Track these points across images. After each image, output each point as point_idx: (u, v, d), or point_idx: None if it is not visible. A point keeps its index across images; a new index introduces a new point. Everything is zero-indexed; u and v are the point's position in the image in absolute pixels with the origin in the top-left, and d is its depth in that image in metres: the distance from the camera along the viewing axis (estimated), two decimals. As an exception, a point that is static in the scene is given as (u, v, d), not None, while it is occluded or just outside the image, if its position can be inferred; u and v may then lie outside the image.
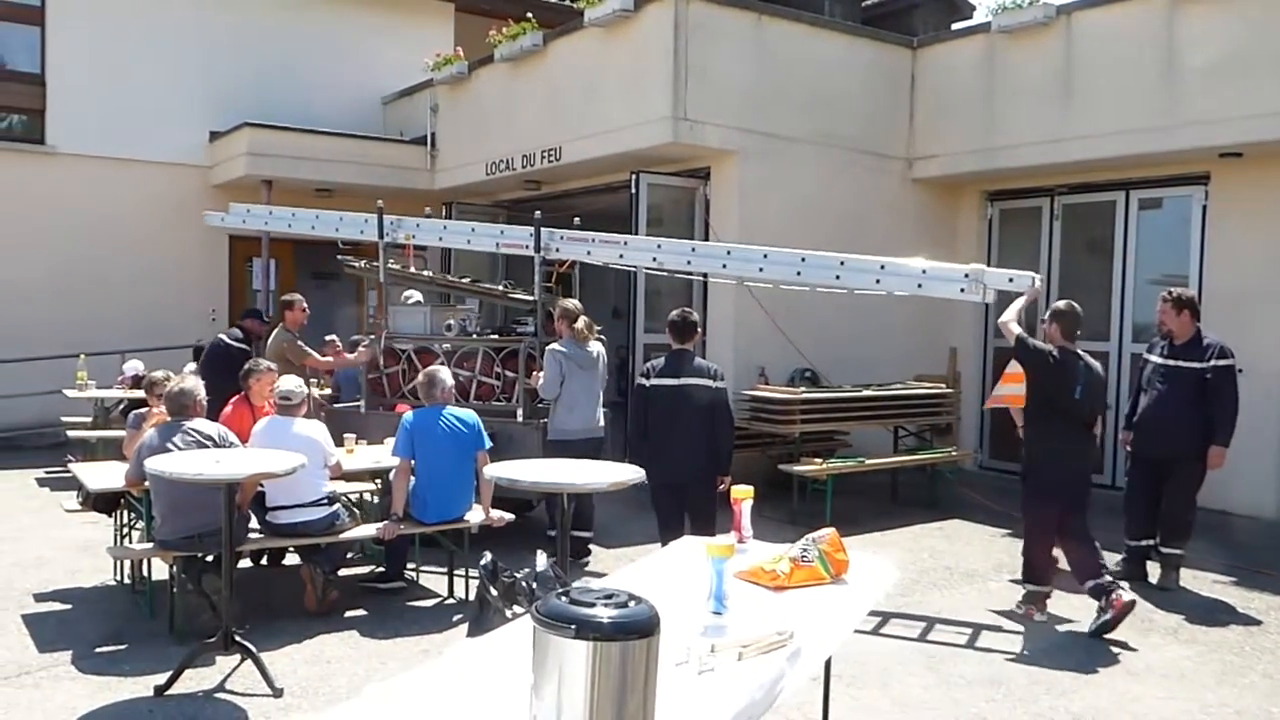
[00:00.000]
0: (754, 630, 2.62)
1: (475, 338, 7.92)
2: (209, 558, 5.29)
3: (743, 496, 3.50)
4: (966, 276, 6.13)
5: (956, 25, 13.21)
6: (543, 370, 6.84)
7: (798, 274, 6.78)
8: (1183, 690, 4.83)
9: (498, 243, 8.23)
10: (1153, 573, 6.64)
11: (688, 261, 7.51)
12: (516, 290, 8.30)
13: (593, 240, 7.65)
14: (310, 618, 5.60)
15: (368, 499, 7.02)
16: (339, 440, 6.31)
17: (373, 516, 6.44)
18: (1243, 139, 8.38)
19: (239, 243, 13.32)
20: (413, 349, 7.96)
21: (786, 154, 9.89)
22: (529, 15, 11.31)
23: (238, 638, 4.74)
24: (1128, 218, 9.88)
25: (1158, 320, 6.71)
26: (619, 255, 7.58)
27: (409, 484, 5.92)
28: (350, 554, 6.31)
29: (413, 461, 5.89)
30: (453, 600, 6.09)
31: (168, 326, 11.96)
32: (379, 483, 6.81)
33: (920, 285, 6.37)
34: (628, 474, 4.82)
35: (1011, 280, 6.10)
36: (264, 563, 6.67)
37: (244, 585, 5.72)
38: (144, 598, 5.81)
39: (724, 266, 7.22)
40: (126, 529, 6.42)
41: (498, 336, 8.00)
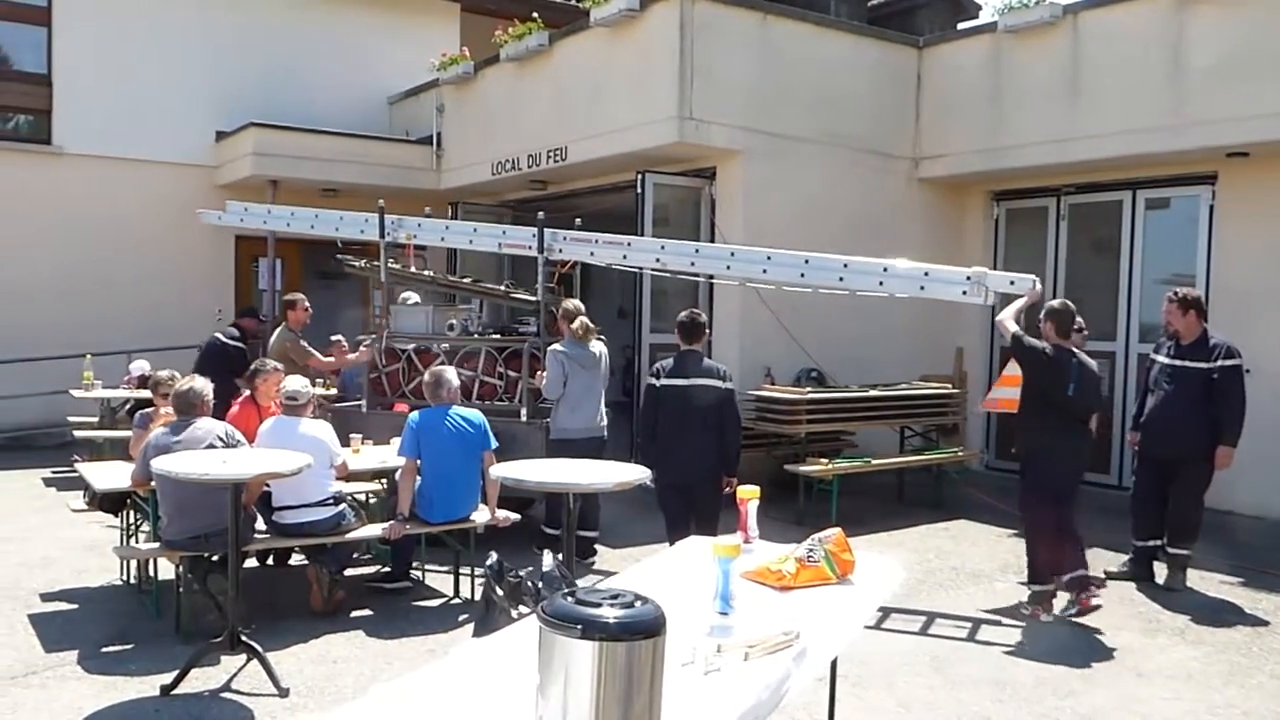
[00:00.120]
0: (760, 630, 2.61)
1: (477, 338, 7.93)
2: (215, 558, 5.31)
3: (749, 496, 3.49)
4: (968, 279, 6.14)
5: (962, 25, 13.21)
6: (545, 370, 6.85)
7: (801, 276, 6.79)
8: (1189, 691, 4.82)
9: (500, 243, 8.22)
10: (1159, 573, 6.62)
11: (691, 263, 7.52)
12: (517, 290, 8.30)
13: (596, 241, 7.65)
14: (316, 618, 5.61)
15: (374, 499, 7.02)
16: (344, 440, 6.32)
17: (378, 516, 6.45)
18: (1250, 139, 8.37)
19: (245, 243, 13.32)
20: (413, 349, 7.97)
21: (792, 154, 9.87)
22: (535, 15, 11.32)
23: (244, 637, 4.74)
24: (1134, 218, 9.85)
25: (1164, 320, 6.70)
26: (623, 256, 7.58)
27: (415, 484, 5.93)
28: (357, 554, 6.31)
29: (419, 461, 5.89)
30: (458, 600, 6.09)
31: (174, 326, 11.95)
32: (384, 483, 6.82)
33: (922, 288, 6.39)
34: (633, 474, 4.82)
35: (1013, 283, 6.12)
36: (270, 563, 6.68)
37: (250, 585, 5.72)
38: (150, 598, 5.82)
39: (728, 268, 7.23)
40: (133, 529, 6.44)
41: (500, 336, 8.00)
